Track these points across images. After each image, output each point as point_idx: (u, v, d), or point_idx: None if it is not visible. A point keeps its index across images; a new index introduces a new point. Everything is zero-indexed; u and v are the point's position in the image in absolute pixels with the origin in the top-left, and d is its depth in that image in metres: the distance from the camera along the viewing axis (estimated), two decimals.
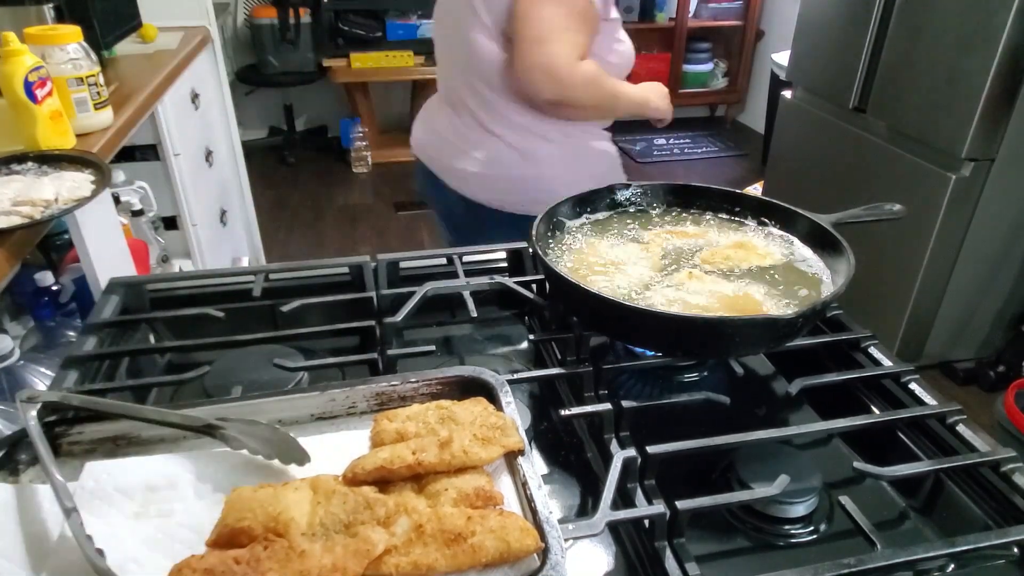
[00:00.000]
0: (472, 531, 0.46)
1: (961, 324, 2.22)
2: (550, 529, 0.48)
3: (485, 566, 0.46)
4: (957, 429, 0.68)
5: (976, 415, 2.08)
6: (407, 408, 0.59)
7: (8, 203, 1.01)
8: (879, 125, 2.22)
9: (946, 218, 2.00)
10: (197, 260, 2.09)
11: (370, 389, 0.63)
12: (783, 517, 0.61)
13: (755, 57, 4.59)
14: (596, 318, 0.75)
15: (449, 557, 0.46)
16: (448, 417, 0.57)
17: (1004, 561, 0.58)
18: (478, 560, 0.46)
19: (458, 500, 0.50)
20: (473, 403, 0.59)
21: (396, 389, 0.63)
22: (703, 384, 0.81)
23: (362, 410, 0.63)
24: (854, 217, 0.86)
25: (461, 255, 0.96)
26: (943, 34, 1.94)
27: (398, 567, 0.45)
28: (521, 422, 0.58)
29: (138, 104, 1.56)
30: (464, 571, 0.46)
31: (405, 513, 0.48)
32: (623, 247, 0.85)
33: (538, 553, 0.47)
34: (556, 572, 0.46)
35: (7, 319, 1.45)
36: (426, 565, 0.45)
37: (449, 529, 0.47)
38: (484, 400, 0.60)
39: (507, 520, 0.48)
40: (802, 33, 2.56)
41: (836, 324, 0.85)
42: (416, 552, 0.46)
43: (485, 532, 0.47)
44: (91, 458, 0.56)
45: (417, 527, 0.47)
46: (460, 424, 0.56)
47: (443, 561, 0.46)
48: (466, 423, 0.56)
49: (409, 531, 0.47)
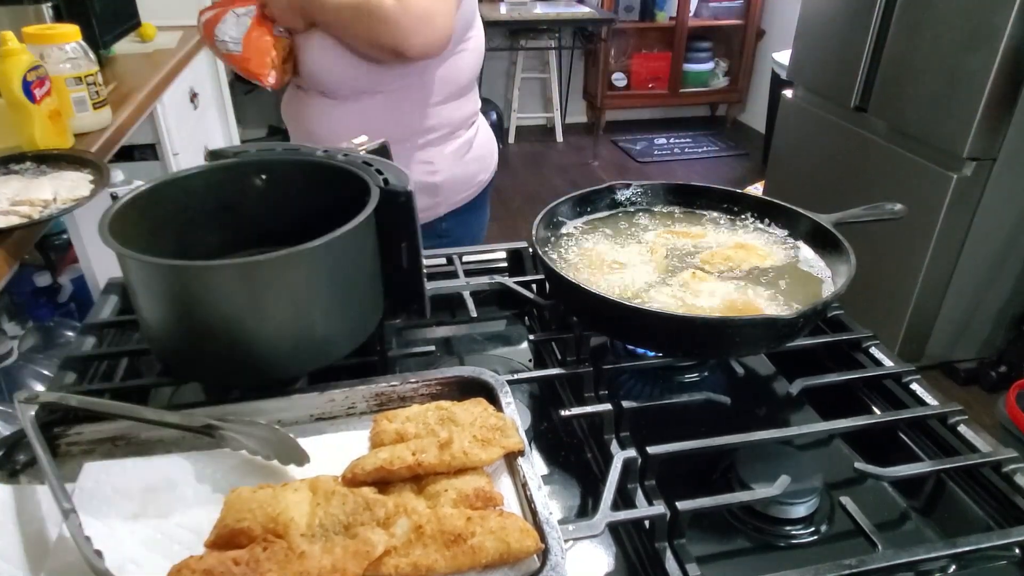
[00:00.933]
0: (472, 532, 0.46)
1: (962, 324, 2.21)
2: (550, 530, 0.48)
3: (485, 567, 0.46)
4: (958, 429, 0.68)
5: (977, 415, 2.08)
6: (407, 409, 0.59)
7: (6, 203, 1.01)
8: (880, 124, 2.22)
9: (947, 218, 2.00)
10: None
11: (370, 390, 0.63)
12: (784, 518, 0.61)
13: (756, 56, 4.59)
14: (596, 318, 0.75)
15: (449, 558, 0.46)
16: (448, 418, 0.57)
17: (1006, 562, 0.58)
18: (478, 561, 0.46)
19: (458, 501, 0.50)
20: (473, 404, 0.59)
21: (396, 389, 0.63)
22: (703, 384, 0.81)
23: (361, 410, 0.63)
24: (855, 217, 0.86)
25: (461, 255, 0.95)
26: (944, 33, 1.94)
27: (398, 568, 0.45)
28: (521, 422, 0.58)
29: (137, 103, 1.56)
30: (464, 572, 0.46)
31: (405, 514, 0.48)
32: (623, 247, 0.84)
33: (538, 554, 0.47)
34: (556, 573, 0.46)
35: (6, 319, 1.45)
36: (426, 566, 0.45)
37: (449, 530, 0.47)
38: (484, 401, 0.59)
39: (507, 521, 0.48)
40: (803, 32, 2.56)
41: (837, 324, 0.85)
42: (416, 553, 0.46)
43: (485, 533, 0.46)
44: (90, 458, 0.56)
45: (417, 528, 0.47)
46: (460, 425, 0.56)
47: (443, 562, 0.46)
48: (466, 424, 0.56)
49: (409, 532, 0.47)
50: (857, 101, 2.28)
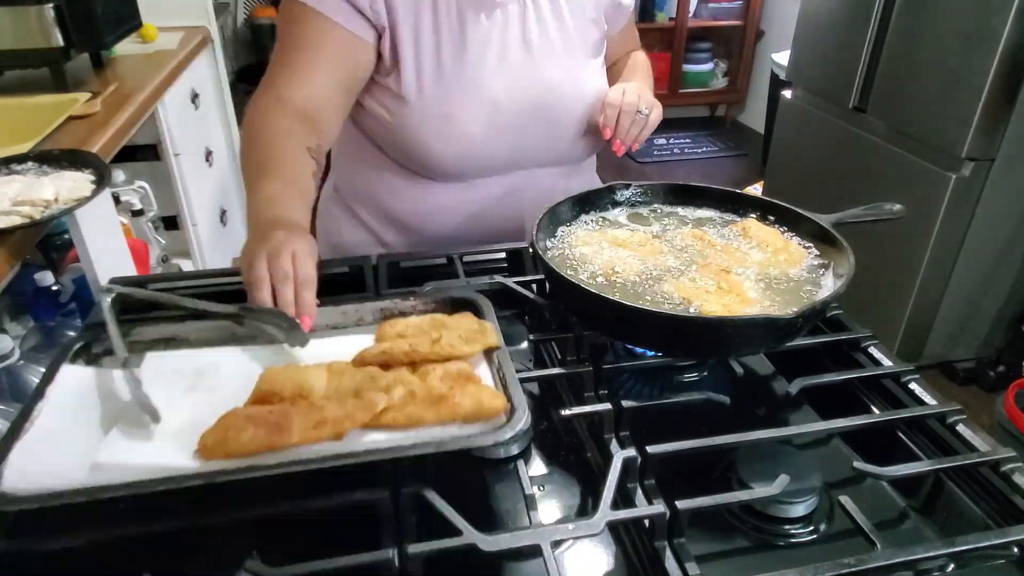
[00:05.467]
0: (453, 394, 0.59)
1: (961, 324, 2.22)
2: (516, 394, 0.59)
3: (464, 421, 0.58)
4: (957, 429, 0.68)
5: (976, 415, 2.09)
6: (407, 319, 0.72)
7: (8, 203, 1.01)
8: (879, 125, 2.22)
9: (946, 218, 2.00)
10: (197, 260, 2.09)
11: (376, 305, 0.75)
12: (783, 517, 0.61)
13: (755, 57, 4.59)
14: (596, 318, 0.75)
15: (434, 413, 0.58)
16: (440, 324, 0.70)
17: (1004, 561, 0.58)
18: (458, 415, 0.58)
19: (443, 377, 0.62)
20: (461, 316, 0.71)
21: (398, 305, 0.75)
22: (703, 384, 0.81)
23: (368, 322, 0.74)
24: (854, 217, 0.86)
25: (461, 255, 0.96)
26: (943, 34, 1.94)
27: (395, 419, 0.58)
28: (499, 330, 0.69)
29: (138, 104, 1.56)
30: (447, 424, 0.58)
31: (401, 384, 0.60)
32: (623, 247, 0.85)
33: (506, 412, 0.58)
34: (522, 425, 0.57)
35: (7, 319, 1.45)
36: (417, 417, 0.58)
37: (435, 394, 0.59)
38: (471, 314, 0.72)
39: (481, 387, 0.61)
40: (802, 33, 2.56)
41: (836, 324, 0.85)
42: (409, 409, 0.58)
43: (463, 395, 0.59)
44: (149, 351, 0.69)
45: (410, 392, 0.59)
46: (449, 329, 0.68)
47: (430, 415, 0.58)
48: (454, 328, 0.68)
49: (403, 395, 0.59)
50: (856, 101, 2.29)
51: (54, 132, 1.34)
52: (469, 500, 0.60)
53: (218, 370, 0.66)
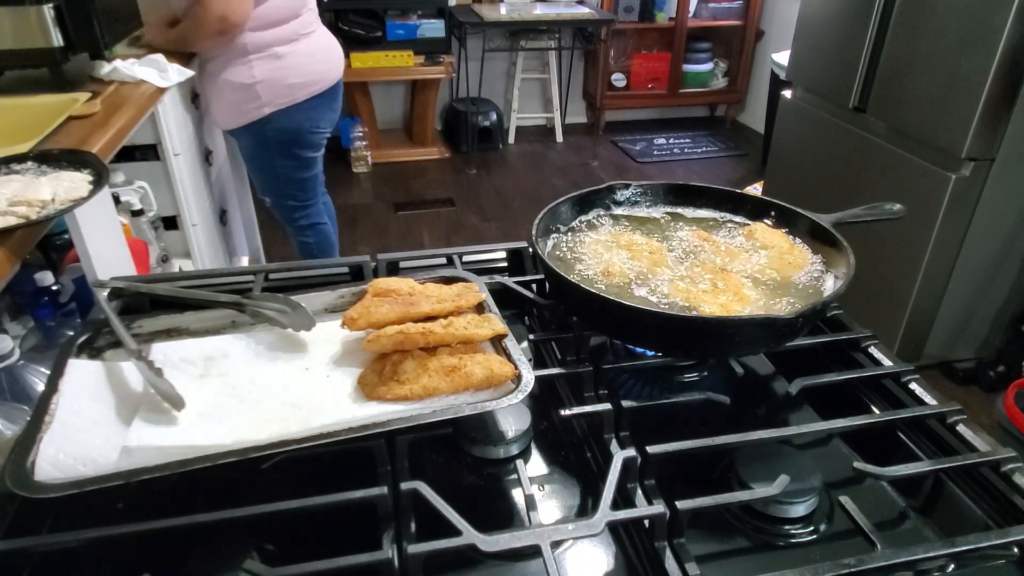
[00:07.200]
0: (464, 364, 0.63)
1: (961, 324, 2.22)
2: (521, 364, 0.64)
3: (476, 388, 0.62)
4: (957, 429, 0.68)
5: (976, 415, 2.09)
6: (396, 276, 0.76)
7: (4, 203, 1.01)
8: (879, 125, 2.22)
9: (946, 218, 2.00)
10: (197, 260, 2.09)
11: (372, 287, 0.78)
12: (783, 517, 0.61)
13: (755, 57, 4.59)
14: (596, 318, 0.75)
15: (448, 382, 0.62)
16: (426, 290, 0.73)
17: (1004, 561, 0.58)
18: (471, 383, 0.62)
19: (452, 351, 0.65)
20: (456, 285, 0.75)
21: None
22: (703, 384, 0.81)
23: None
24: (854, 217, 0.86)
25: (461, 255, 0.96)
26: (943, 34, 1.94)
27: (412, 391, 0.61)
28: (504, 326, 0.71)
29: (138, 104, 1.56)
30: (460, 392, 0.62)
31: (412, 358, 0.64)
32: (623, 247, 0.85)
33: (513, 379, 0.63)
34: (526, 388, 0.61)
35: (7, 319, 1.45)
36: (432, 387, 0.62)
37: (447, 365, 0.63)
38: (463, 283, 0.76)
39: (490, 357, 0.65)
40: (802, 33, 2.56)
41: (836, 324, 0.85)
42: (423, 380, 0.62)
43: (474, 364, 0.63)
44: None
45: (423, 365, 0.64)
46: (442, 299, 0.72)
47: (444, 384, 0.62)
48: (448, 298, 0.72)
49: (416, 368, 0.63)
50: (856, 101, 2.29)
51: (54, 132, 1.34)
52: (469, 500, 0.60)
53: (227, 356, 0.68)
